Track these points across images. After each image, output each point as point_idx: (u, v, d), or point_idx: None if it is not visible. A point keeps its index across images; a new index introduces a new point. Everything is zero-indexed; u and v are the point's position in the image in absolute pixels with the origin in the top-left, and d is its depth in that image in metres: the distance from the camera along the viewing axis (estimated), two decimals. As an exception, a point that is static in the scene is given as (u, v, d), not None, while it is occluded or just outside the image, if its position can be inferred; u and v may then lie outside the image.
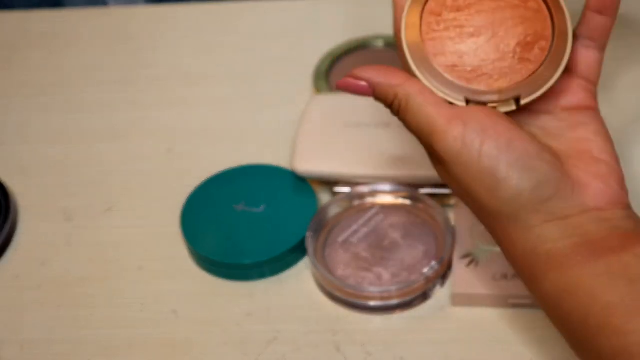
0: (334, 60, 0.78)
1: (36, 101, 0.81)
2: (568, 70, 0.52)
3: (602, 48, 0.53)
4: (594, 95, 0.53)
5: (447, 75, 0.51)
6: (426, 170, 0.65)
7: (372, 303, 0.60)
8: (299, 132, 0.69)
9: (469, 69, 0.52)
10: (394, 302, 0.60)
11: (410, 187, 0.65)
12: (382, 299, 0.60)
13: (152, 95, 0.80)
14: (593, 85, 0.53)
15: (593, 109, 0.52)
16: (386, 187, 0.65)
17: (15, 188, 0.72)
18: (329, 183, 0.68)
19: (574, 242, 0.47)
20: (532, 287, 0.49)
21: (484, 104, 0.51)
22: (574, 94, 0.52)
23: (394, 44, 0.70)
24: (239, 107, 0.78)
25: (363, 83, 0.52)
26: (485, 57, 0.52)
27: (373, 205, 0.66)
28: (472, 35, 0.52)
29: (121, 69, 0.83)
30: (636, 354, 0.44)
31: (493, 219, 0.49)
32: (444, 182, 0.52)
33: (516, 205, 0.48)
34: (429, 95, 0.50)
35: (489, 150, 0.48)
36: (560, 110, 0.52)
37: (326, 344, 0.59)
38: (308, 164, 0.67)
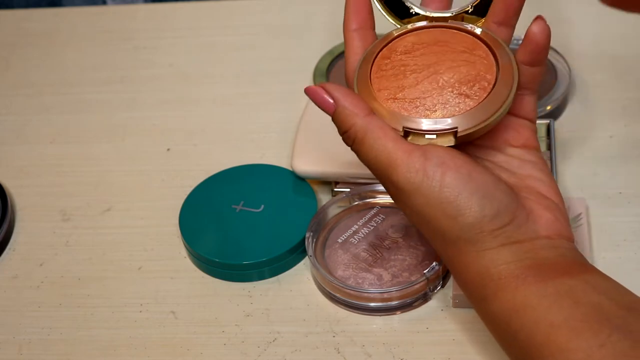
0: (333, 59, 0.78)
1: (34, 101, 0.81)
2: (511, 113, 0.56)
3: (535, 92, 0.57)
4: (536, 137, 0.57)
5: (387, 106, 0.54)
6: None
7: (372, 304, 0.60)
8: (299, 132, 0.69)
9: (408, 100, 0.54)
10: (394, 303, 0.60)
11: (410, 187, 0.65)
12: (382, 300, 0.59)
13: (151, 94, 0.80)
14: (535, 126, 0.57)
15: (537, 149, 0.56)
16: (386, 187, 0.65)
17: (13, 188, 0.72)
18: (329, 183, 0.68)
19: (525, 265, 0.50)
20: (481, 308, 0.52)
21: (422, 134, 0.53)
22: (521, 133, 0.56)
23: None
24: (239, 106, 0.78)
25: (330, 99, 0.54)
26: (425, 90, 0.55)
27: (373, 205, 0.65)
28: (413, 71, 0.55)
29: (120, 69, 0.83)
30: None
31: (450, 244, 0.52)
32: (400, 209, 0.55)
33: (476, 230, 0.51)
34: (388, 131, 0.52)
35: (450, 181, 0.50)
36: (509, 147, 0.55)
37: (326, 345, 0.59)
38: (308, 164, 0.67)
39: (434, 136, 0.53)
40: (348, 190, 0.66)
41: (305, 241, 0.63)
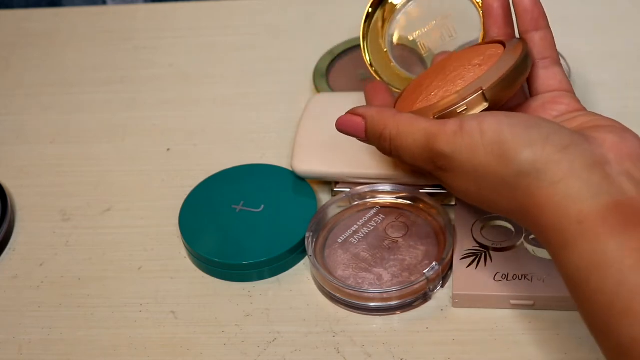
0: (333, 59, 0.78)
1: (34, 101, 0.81)
2: (546, 89, 0.57)
3: (557, 61, 0.57)
4: (578, 100, 0.56)
5: (413, 109, 0.55)
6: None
7: (372, 304, 0.60)
8: (299, 132, 0.68)
9: (429, 97, 0.55)
10: (394, 303, 0.59)
11: (410, 187, 0.65)
12: (382, 300, 0.59)
13: (151, 94, 0.80)
14: (573, 94, 0.56)
15: (583, 109, 0.55)
16: (386, 187, 0.65)
17: (13, 188, 0.72)
18: (329, 183, 0.68)
19: (605, 203, 0.46)
20: (560, 257, 0.47)
21: (453, 111, 0.53)
22: (560, 102, 0.55)
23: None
24: (239, 106, 0.78)
25: (359, 119, 0.56)
26: (440, 80, 0.56)
27: (373, 205, 0.65)
28: (426, 78, 0.58)
29: (120, 69, 0.83)
30: None
31: (517, 190, 0.49)
32: (455, 193, 0.54)
33: (530, 158, 0.48)
34: (418, 117, 0.53)
35: (489, 125, 0.49)
36: (555, 118, 0.55)
37: (326, 345, 0.59)
38: (308, 164, 0.66)
39: (465, 107, 0.53)
40: (348, 190, 0.66)
41: (305, 241, 0.62)
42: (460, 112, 0.53)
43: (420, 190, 0.65)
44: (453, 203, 0.65)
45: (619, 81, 0.75)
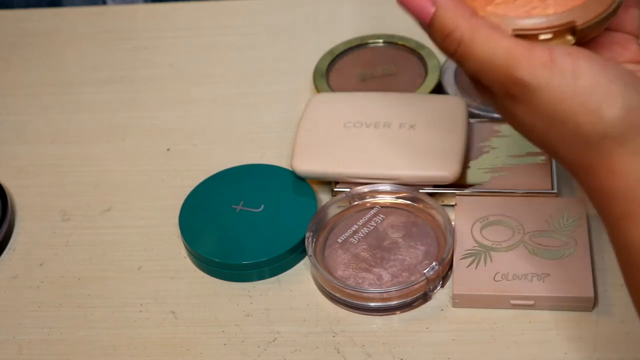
0: (333, 59, 0.78)
1: (34, 101, 0.81)
2: (615, 29, 0.51)
3: (637, 3, 0.52)
4: None
5: (488, 10, 0.48)
6: (426, 170, 0.65)
7: (372, 304, 0.60)
8: (299, 132, 0.68)
9: (510, 2, 0.48)
10: (394, 303, 0.59)
11: (410, 187, 0.65)
12: (382, 299, 0.59)
13: (151, 94, 0.80)
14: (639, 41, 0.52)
15: None
16: (386, 187, 0.65)
17: (13, 188, 0.72)
18: (329, 183, 0.68)
19: None
20: (621, 226, 0.45)
21: (534, 35, 0.47)
22: (628, 48, 0.51)
23: (393, 42, 0.70)
24: (239, 106, 0.78)
25: (429, 4, 0.48)
26: None
27: (373, 205, 0.65)
28: None
29: (120, 69, 0.83)
30: None
31: (592, 148, 0.45)
32: (514, 123, 0.49)
33: (624, 123, 0.44)
34: (499, 30, 0.47)
35: (584, 70, 0.45)
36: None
37: (326, 345, 0.59)
38: (308, 164, 0.66)
39: (550, 35, 0.47)
40: (348, 190, 0.66)
41: (305, 241, 0.62)
42: (543, 39, 0.48)
43: (420, 190, 0.65)
44: (453, 203, 0.65)
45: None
